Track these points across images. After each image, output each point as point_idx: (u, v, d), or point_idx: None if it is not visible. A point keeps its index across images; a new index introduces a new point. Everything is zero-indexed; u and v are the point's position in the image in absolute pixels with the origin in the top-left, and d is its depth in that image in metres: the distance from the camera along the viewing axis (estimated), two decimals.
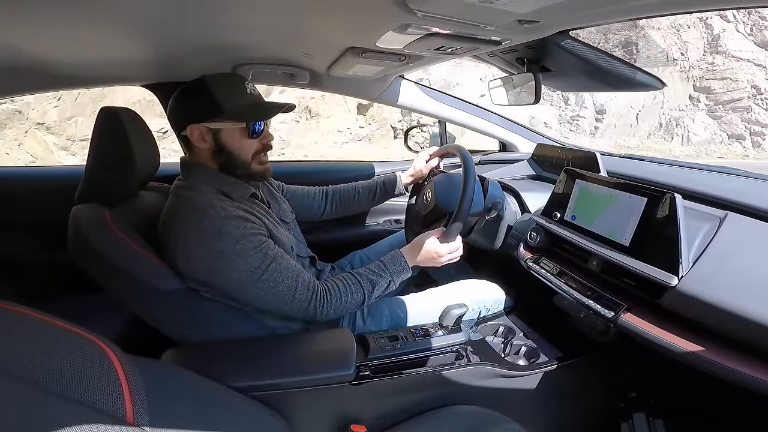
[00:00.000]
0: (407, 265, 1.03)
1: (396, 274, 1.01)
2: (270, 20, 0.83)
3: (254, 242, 0.87)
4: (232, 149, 0.94)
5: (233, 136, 0.93)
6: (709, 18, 12.47)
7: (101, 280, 0.88)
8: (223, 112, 0.90)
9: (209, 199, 0.88)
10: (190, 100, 0.92)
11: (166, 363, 0.82)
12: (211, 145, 0.93)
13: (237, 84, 0.94)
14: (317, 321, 0.96)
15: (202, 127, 0.91)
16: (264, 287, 0.87)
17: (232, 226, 0.85)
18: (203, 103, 0.90)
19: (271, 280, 0.88)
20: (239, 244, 0.85)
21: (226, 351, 0.90)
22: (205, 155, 0.94)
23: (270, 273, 0.87)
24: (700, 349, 0.73)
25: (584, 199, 1.05)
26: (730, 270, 0.76)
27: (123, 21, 0.76)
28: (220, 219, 0.85)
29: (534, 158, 1.64)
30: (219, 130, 0.92)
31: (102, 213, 0.88)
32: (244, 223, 0.87)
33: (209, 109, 0.89)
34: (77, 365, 0.39)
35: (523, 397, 1.01)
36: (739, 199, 0.93)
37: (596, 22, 0.73)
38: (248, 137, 0.94)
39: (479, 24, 0.71)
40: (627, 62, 0.94)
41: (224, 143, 0.93)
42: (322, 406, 0.88)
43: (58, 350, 0.40)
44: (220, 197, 0.91)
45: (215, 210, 0.85)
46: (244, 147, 0.95)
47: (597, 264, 0.99)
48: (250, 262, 0.86)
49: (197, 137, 0.91)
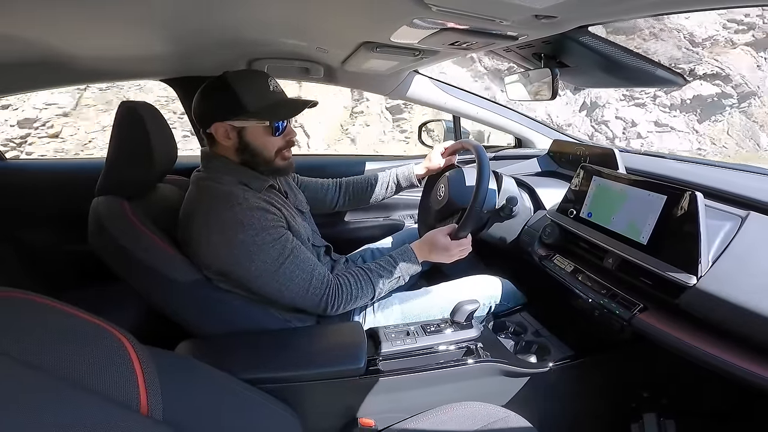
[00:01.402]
0: (417, 260, 1.05)
1: (405, 269, 1.04)
2: (285, 15, 0.84)
3: (274, 234, 0.89)
4: (256, 147, 0.95)
5: (257, 133, 0.95)
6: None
7: (120, 271, 0.90)
8: (247, 111, 0.91)
9: (232, 189, 0.90)
10: (214, 99, 0.93)
11: (181, 354, 0.84)
12: (235, 142, 0.94)
13: (260, 81, 0.95)
14: (327, 314, 0.98)
15: (227, 125, 0.92)
16: (280, 279, 0.89)
17: (255, 218, 0.87)
18: (227, 102, 0.91)
19: (288, 273, 0.90)
20: (260, 236, 0.87)
21: (238, 343, 0.92)
22: (228, 150, 0.96)
23: (287, 265, 0.89)
24: (718, 351, 0.71)
25: (601, 196, 1.03)
26: (751, 270, 0.75)
27: (141, 16, 0.77)
28: (243, 210, 0.87)
29: (550, 154, 1.61)
30: (243, 128, 0.93)
31: (121, 205, 0.90)
32: (265, 215, 0.89)
33: (233, 107, 0.91)
34: (93, 355, 0.40)
35: (533, 394, 1.00)
36: (763, 198, 0.91)
37: (616, 17, 0.71)
38: (272, 135, 0.96)
39: (495, 19, 0.70)
40: (647, 58, 0.92)
41: (249, 141, 0.94)
42: (332, 399, 0.89)
43: (75, 340, 0.41)
44: (242, 188, 0.92)
45: (238, 201, 0.87)
46: (268, 144, 0.96)
47: (613, 262, 0.98)
48: (270, 254, 0.88)
49: (222, 135, 0.93)
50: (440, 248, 1.05)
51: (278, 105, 0.95)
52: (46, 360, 0.37)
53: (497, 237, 1.30)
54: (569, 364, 1.02)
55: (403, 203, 1.79)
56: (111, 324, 0.45)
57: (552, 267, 1.12)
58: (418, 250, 1.07)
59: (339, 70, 1.35)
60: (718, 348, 0.72)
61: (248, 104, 0.91)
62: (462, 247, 1.07)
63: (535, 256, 1.19)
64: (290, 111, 0.96)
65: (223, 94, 0.91)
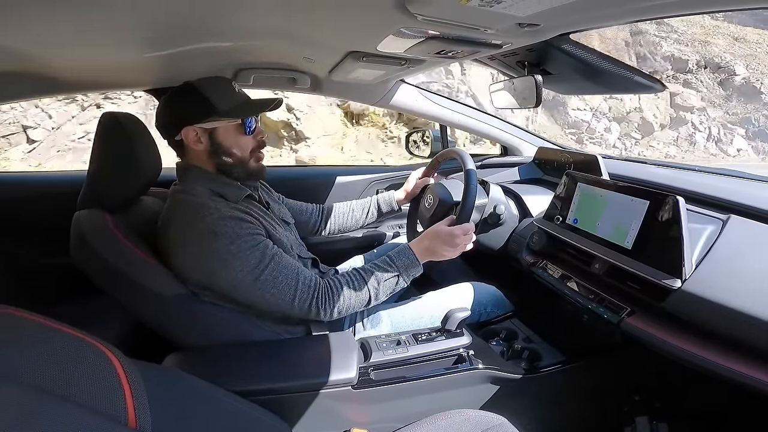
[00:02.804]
0: (416, 260, 1.00)
1: (404, 269, 0.99)
2: (272, 25, 0.84)
3: (251, 242, 0.87)
4: (228, 147, 0.95)
5: (229, 134, 0.94)
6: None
7: (103, 284, 0.88)
8: (216, 111, 0.91)
9: (204, 200, 0.88)
10: (181, 104, 0.93)
11: (169, 367, 0.82)
12: (207, 146, 0.93)
13: (225, 84, 0.96)
14: (322, 321, 0.95)
15: (197, 129, 0.92)
16: (263, 287, 0.87)
17: (228, 227, 0.85)
18: (196, 105, 0.91)
19: (270, 280, 0.87)
20: (234, 245, 0.85)
21: (227, 355, 0.90)
22: (201, 157, 0.95)
23: (269, 272, 0.87)
24: (705, 352, 0.72)
25: (586, 202, 1.05)
26: (733, 272, 0.76)
27: (126, 26, 0.76)
28: (215, 220, 0.85)
29: (535, 162, 1.64)
30: (214, 130, 0.93)
31: (104, 218, 0.88)
32: (240, 223, 0.87)
33: (202, 109, 0.91)
34: (77, 369, 0.39)
35: (525, 400, 1.00)
36: (742, 201, 0.93)
37: (596, 24, 0.73)
38: (243, 134, 0.96)
39: (480, 27, 0.71)
40: (626, 65, 0.94)
41: (221, 142, 0.94)
42: (324, 410, 0.88)
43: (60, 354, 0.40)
44: (215, 198, 0.91)
45: (209, 211, 0.86)
46: (240, 144, 0.96)
47: (600, 267, 0.99)
48: (247, 262, 0.86)
49: (193, 139, 0.92)
50: (443, 238, 1.00)
51: (246, 104, 0.96)
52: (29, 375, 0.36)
53: (485, 245, 1.31)
54: (560, 369, 1.02)
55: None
56: (95, 338, 0.44)
57: (540, 273, 1.13)
58: (417, 247, 1.02)
59: (326, 79, 1.36)
60: (704, 349, 0.73)
61: (217, 105, 0.91)
62: (466, 233, 1.01)
63: (524, 263, 1.20)
64: (259, 108, 0.96)
65: (190, 98, 0.91)
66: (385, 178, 1.80)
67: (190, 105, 0.91)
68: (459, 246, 1.01)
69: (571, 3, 0.56)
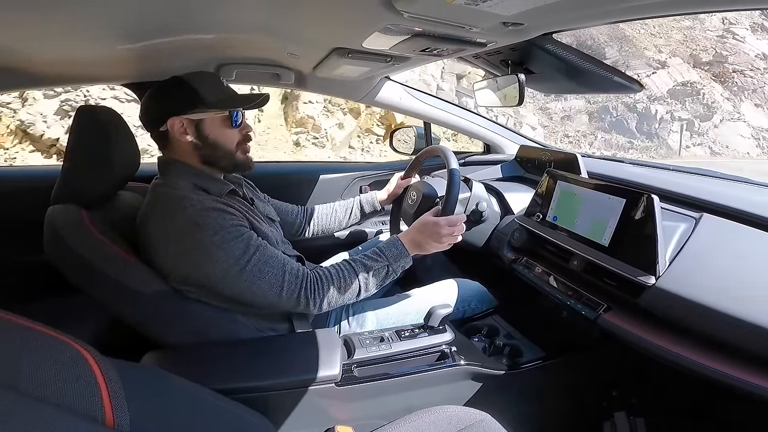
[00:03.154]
0: (406, 251, 1.00)
1: (394, 260, 0.98)
2: (255, 20, 0.83)
3: (234, 233, 0.85)
4: (215, 139, 0.94)
5: (216, 125, 0.94)
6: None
7: (78, 281, 0.85)
8: (204, 103, 0.90)
9: (186, 193, 0.87)
10: (168, 95, 0.91)
11: (147, 365, 0.81)
12: (193, 137, 0.92)
13: (213, 78, 0.96)
14: (311, 313, 0.94)
15: (183, 120, 0.90)
16: (249, 278, 0.85)
17: (211, 218, 0.84)
18: (183, 96, 0.90)
19: (256, 271, 0.86)
20: (218, 236, 0.83)
21: (209, 353, 0.88)
22: (185, 150, 0.93)
23: (254, 264, 0.86)
24: (680, 348, 0.74)
25: (566, 200, 1.07)
26: (706, 269, 0.79)
27: (106, 19, 0.74)
28: (197, 211, 0.83)
29: (517, 160, 1.66)
30: (201, 121, 0.92)
31: (79, 214, 0.86)
32: (222, 215, 0.86)
33: (190, 100, 0.90)
34: (51, 368, 0.38)
35: (507, 396, 1.02)
36: (714, 200, 0.96)
37: (579, 25, 0.75)
38: (230, 126, 0.95)
39: (465, 26, 0.72)
40: (605, 65, 0.96)
41: (207, 134, 0.93)
42: (308, 408, 0.88)
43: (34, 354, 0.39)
44: (198, 192, 0.90)
45: (192, 203, 0.84)
46: (227, 136, 0.95)
47: (578, 264, 1.01)
48: (232, 253, 0.84)
49: (178, 130, 0.91)
50: (429, 231, 1.00)
51: (234, 97, 0.96)
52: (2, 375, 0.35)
53: (468, 242, 1.32)
54: (540, 365, 1.04)
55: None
56: (69, 336, 0.43)
57: (521, 270, 1.15)
58: (405, 239, 1.01)
59: (310, 76, 1.35)
60: (679, 346, 0.75)
61: (205, 96, 0.90)
62: (453, 225, 1.01)
63: (505, 259, 1.22)
64: (246, 101, 0.96)
65: (179, 89, 0.91)
66: (368, 175, 1.80)
67: (178, 96, 0.90)
68: (445, 239, 1.01)
69: (555, 3, 0.57)
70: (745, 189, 1.09)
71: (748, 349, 0.68)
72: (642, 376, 1.12)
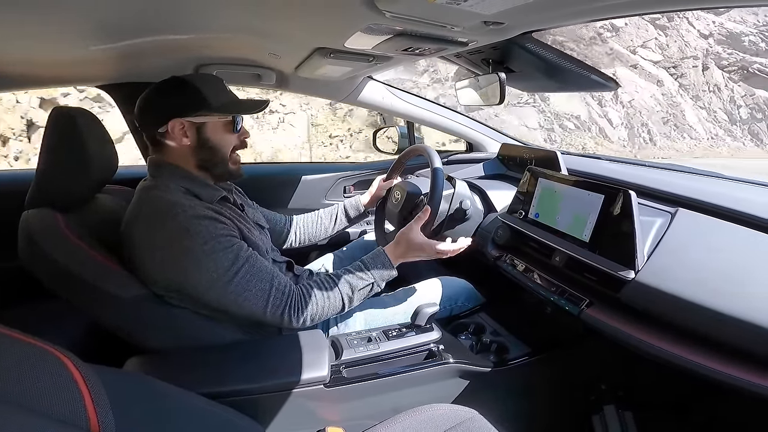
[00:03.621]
0: (390, 263, 1.01)
1: (380, 276, 0.99)
2: (235, 20, 0.81)
3: (224, 243, 0.84)
4: (215, 144, 0.92)
5: (217, 130, 0.92)
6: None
7: (55, 287, 0.83)
8: (209, 106, 0.88)
9: (178, 198, 0.85)
10: (172, 96, 0.89)
11: (130, 371, 0.79)
12: (193, 141, 0.90)
13: (218, 81, 0.94)
14: (293, 328, 0.94)
15: (185, 122, 0.88)
16: (236, 290, 0.84)
17: (202, 226, 0.82)
18: (188, 98, 0.88)
19: (244, 283, 0.85)
20: (208, 245, 0.82)
21: (194, 357, 0.87)
22: (182, 153, 0.91)
23: (242, 276, 0.85)
24: (662, 342, 0.76)
25: (547, 196, 1.09)
26: (683, 263, 0.80)
27: (81, 20, 0.72)
28: (188, 218, 0.82)
29: (499, 158, 1.68)
30: (203, 125, 0.90)
31: (55, 218, 0.83)
32: (214, 224, 0.84)
33: (195, 102, 0.88)
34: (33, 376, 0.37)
35: (495, 393, 1.03)
36: (689, 195, 0.99)
37: (558, 23, 0.76)
38: (231, 132, 0.94)
39: (446, 25, 0.73)
40: (584, 63, 0.98)
41: (208, 138, 0.91)
42: (298, 410, 0.87)
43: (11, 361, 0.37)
44: (189, 197, 0.88)
45: (183, 209, 0.82)
46: (227, 141, 0.94)
47: (560, 260, 1.03)
48: (221, 263, 0.83)
49: (179, 132, 0.88)
50: (419, 248, 1.03)
51: (237, 101, 0.95)
52: None
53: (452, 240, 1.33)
54: (527, 361, 1.05)
55: None
56: (48, 343, 0.41)
57: (505, 267, 1.17)
58: (392, 253, 1.03)
59: (292, 76, 1.34)
60: (661, 339, 0.76)
61: (210, 99, 0.89)
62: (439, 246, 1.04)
63: (489, 257, 1.23)
64: (252, 106, 0.95)
65: (183, 90, 0.88)
66: (351, 175, 1.80)
67: (182, 97, 0.88)
68: (432, 255, 1.04)
69: (535, 2, 0.58)
70: (718, 184, 1.13)
71: (727, 341, 0.69)
72: (627, 370, 1.14)
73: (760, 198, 0.93)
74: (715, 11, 18.22)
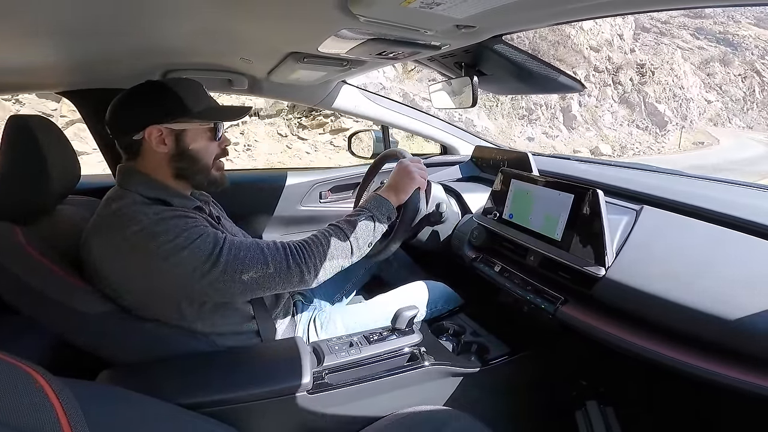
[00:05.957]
0: (383, 197, 0.99)
1: (375, 208, 0.96)
2: (204, 24, 0.79)
3: (197, 231, 0.79)
4: (195, 152, 0.87)
5: (198, 137, 0.88)
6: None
7: (17, 304, 0.78)
8: (190, 112, 0.84)
9: (142, 208, 0.80)
10: (149, 101, 0.84)
11: (103, 384, 0.75)
12: (171, 148, 0.85)
13: (198, 87, 0.90)
14: (309, 284, 0.87)
15: (163, 129, 0.83)
16: (229, 269, 0.78)
17: (170, 224, 0.77)
18: (167, 103, 0.83)
19: (232, 258, 0.79)
20: (180, 237, 0.76)
21: (171, 368, 0.83)
22: (158, 161, 0.86)
23: (227, 252, 0.79)
24: (633, 337, 0.78)
25: (520, 197, 1.11)
26: (649, 259, 0.84)
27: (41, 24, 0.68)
28: (153, 221, 0.77)
29: (473, 160, 1.71)
30: (183, 132, 0.85)
31: (13, 231, 0.79)
32: (183, 220, 0.79)
33: (175, 108, 0.83)
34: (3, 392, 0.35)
35: (478, 393, 1.03)
36: (653, 192, 1.04)
37: (528, 26, 0.78)
38: (212, 140, 0.90)
39: (420, 29, 0.73)
40: (552, 65, 1.01)
41: (188, 145, 0.86)
42: (281, 418, 0.85)
43: None
44: (156, 205, 0.82)
45: (147, 216, 0.77)
46: (208, 149, 0.90)
47: (535, 259, 1.05)
48: (200, 251, 0.77)
49: (156, 139, 0.83)
50: (398, 170, 1.04)
51: (219, 108, 0.91)
52: None
53: (430, 243, 1.34)
54: (507, 360, 1.06)
55: (334, 215, 1.78)
56: (15, 357, 0.39)
57: (482, 268, 1.18)
58: (380, 190, 1.02)
59: (265, 81, 1.32)
60: (634, 335, 0.78)
61: (191, 105, 0.84)
62: (416, 163, 1.05)
63: (466, 258, 1.25)
64: (234, 113, 0.92)
65: (161, 95, 0.83)
66: (327, 180, 1.79)
67: (161, 102, 0.83)
68: (415, 172, 1.03)
69: (505, 5, 0.60)
70: (680, 181, 1.19)
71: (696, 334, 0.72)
72: (605, 366, 1.16)
73: (717, 194, 0.98)
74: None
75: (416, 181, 1.03)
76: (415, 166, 1.04)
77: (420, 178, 1.04)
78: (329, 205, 1.73)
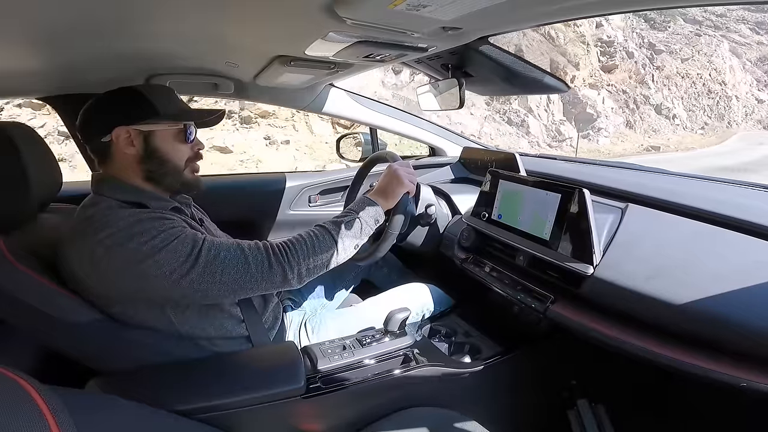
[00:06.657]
0: (371, 200, 0.98)
1: (361, 210, 0.95)
2: (189, 28, 0.78)
3: (175, 233, 0.78)
4: (164, 153, 0.86)
5: (167, 139, 0.87)
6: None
7: (1, 314, 0.77)
8: (158, 113, 0.84)
9: (118, 211, 0.79)
10: (117, 103, 0.84)
11: (93, 393, 0.74)
12: (139, 150, 0.84)
13: (169, 91, 0.90)
14: (293, 284, 0.86)
15: (131, 130, 0.83)
16: (209, 270, 0.77)
17: (149, 225, 0.76)
18: (135, 105, 0.83)
19: (211, 260, 0.78)
20: (158, 238, 0.75)
21: (162, 374, 0.82)
22: (128, 163, 0.85)
23: (206, 255, 0.78)
24: (620, 333, 0.79)
25: (508, 198, 1.12)
26: (635, 256, 0.85)
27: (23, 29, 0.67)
28: (130, 223, 0.76)
29: (461, 161, 1.72)
30: (151, 133, 0.85)
31: None
32: (160, 221, 0.78)
33: (142, 110, 0.83)
34: None
35: (472, 393, 1.04)
36: (637, 191, 1.05)
37: (513, 27, 0.79)
38: (183, 142, 0.89)
39: (406, 31, 0.74)
40: (537, 66, 1.02)
41: (156, 147, 0.85)
42: (275, 423, 0.84)
43: None
44: (133, 207, 0.82)
45: (123, 219, 0.76)
46: (178, 151, 0.89)
47: (524, 259, 1.06)
48: (179, 252, 0.76)
49: (124, 141, 0.83)
50: (388, 174, 1.03)
51: (189, 111, 0.91)
52: None
53: (420, 244, 1.35)
54: (500, 360, 1.06)
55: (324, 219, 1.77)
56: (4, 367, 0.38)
57: (472, 269, 1.19)
58: (369, 193, 1.02)
59: (251, 84, 1.31)
60: (621, 332, 0.79)
61: (159, 107, 0.84)
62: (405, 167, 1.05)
63: (456, 260, 1.25)
64: (203, 115, 0.91)
65: (130, 98, 0.84)
66: (316, 184, 1.78)
67: (128, 104, 0.83)
68: (405, 177, 1.03)
69: (490, 7, 0.60)
70: (664, 179, 1.21)
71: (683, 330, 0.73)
72: (596, 364, 1.17)
73: (700, 192, 1.00)
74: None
75: (405, 185, 1.03)
76: (405, 171, 1.04)
77: (409, 183, 1.04)
78: (319, 208, 1.72)
